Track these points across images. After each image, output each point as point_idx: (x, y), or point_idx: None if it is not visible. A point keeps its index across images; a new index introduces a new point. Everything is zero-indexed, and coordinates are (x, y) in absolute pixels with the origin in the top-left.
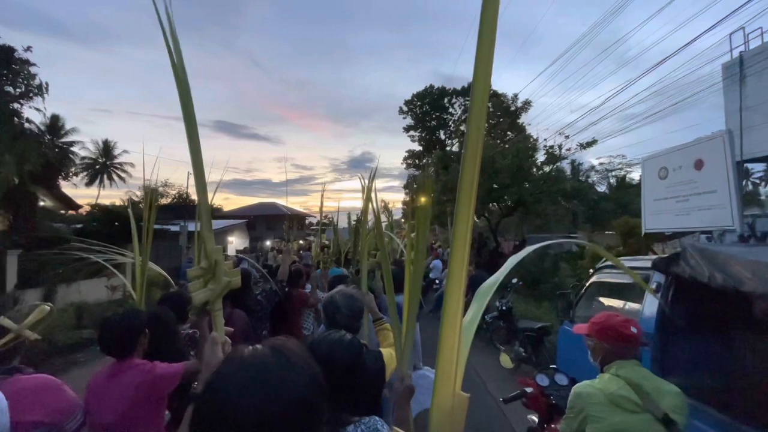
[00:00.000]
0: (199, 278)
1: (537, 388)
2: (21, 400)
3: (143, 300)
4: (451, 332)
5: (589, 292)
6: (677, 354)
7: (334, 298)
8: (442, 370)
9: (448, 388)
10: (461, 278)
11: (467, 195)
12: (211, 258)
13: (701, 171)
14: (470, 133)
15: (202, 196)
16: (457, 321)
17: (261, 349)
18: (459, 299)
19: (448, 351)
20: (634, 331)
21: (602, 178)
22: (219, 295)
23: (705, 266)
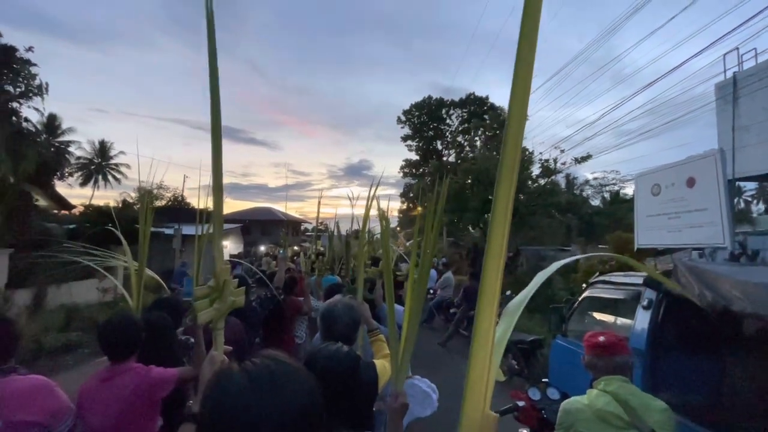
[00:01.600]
0: (206, 297)
1: (529, 401)
2: (16, 400)
3: (139, 305)
4: (482, 351)
5: (581, 307)
6: (667, 370)
7: (335, 309)
8: (471, 389)
9: (478, 408)
10: (494, 298)
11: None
12: (220, 278)
13: (693, 189)
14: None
15: (218, 220)
16: (489, 340)
17: (262, 359)
18: (491, 318)
19: (479, 370)
20: (601, 340)
21: (596, 192)
22: (223, 315)
23: (695, 284)
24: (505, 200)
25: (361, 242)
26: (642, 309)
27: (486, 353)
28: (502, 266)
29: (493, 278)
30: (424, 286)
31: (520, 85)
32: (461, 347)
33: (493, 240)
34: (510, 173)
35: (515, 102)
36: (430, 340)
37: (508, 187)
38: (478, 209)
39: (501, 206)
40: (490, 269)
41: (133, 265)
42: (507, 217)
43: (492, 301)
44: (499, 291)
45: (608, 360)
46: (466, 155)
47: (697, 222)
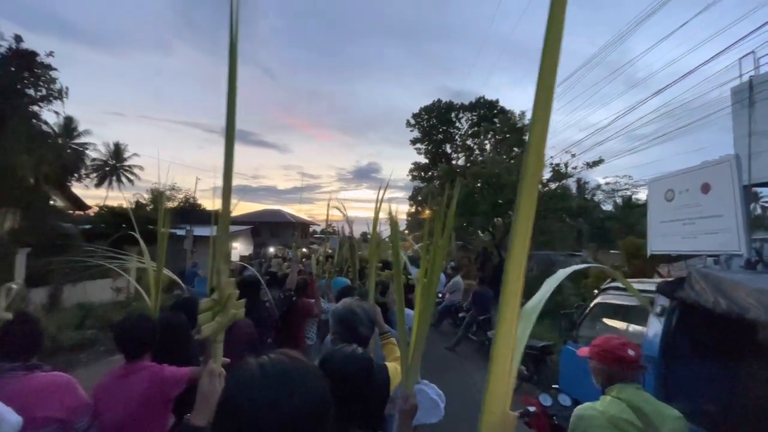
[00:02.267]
0: (209, 310)
1: (540, 407)
2: (38, 396)
3: (157, 304)
4: (504, 353)
5: (593, 313)
6: (680, 378)
7: (356, 310)
8: (493, 390)
9: (499, 409)
10: (516, 301)
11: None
12: (224, 292)
13: (708, 195)
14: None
15: (225, 231)
16: (510, 342)
17: (277, 355)
18: (513, 320)
19: (501, 372)
20: (631, 354)
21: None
22: (224, 327)
23: (710, 292)
24: (527, 207)
25: (372, 245)
26: (655, 316)
27: (507, 355)
28: (524, 270)
29: (515, 281)
30: (434, 290)
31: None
32: (470, 352)
33: (516, 244)
34: (533, 181)
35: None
36: (438, 344)
37: (531, 194)
38: (488, 213)
39: (523, 213)
40: (513, 272)
41: (151, 265)
42: (529, 223)
43: (514, 304)
44: (521, 294)
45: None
46: (476, 159)
47: (712, 228)
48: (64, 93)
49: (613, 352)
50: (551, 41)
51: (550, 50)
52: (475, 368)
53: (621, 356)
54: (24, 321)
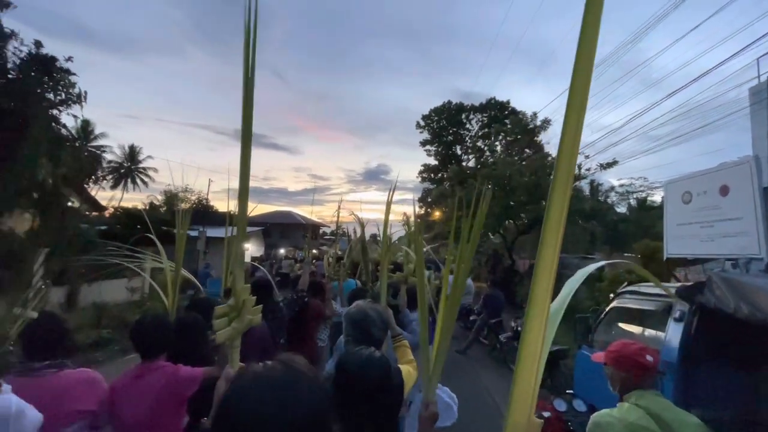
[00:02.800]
0: (225, 316)
1: (555, 412)
2: (73, 390)
3: (175, 305)
4: (530, 359)
5: (609, 317)
6: (700, 385)
7: (369, 313)
8: (518, 395)
9: (524, 414)
10: (545, 306)
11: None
12: (239, 297)
13: (727, 197)
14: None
15: (241, 239)
16: (537, 349)
17: (271, 364)
18: (541, 326)
19: (527, 377)
20: (650, 360)
21: (622, 199)
22: (240, 333)
23: (731, 296)
24: (558, 210)
25: (384, 247)
26: (674, 321)
27: (534, 361)
28: (554, 276)
29: (544, 287)
30: (458, 300)
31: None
32: (481, 355)
33: (545, 249)
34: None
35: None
36: (450, 348)
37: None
38: (499, 215)
39: (554, 218)
40: (542, 278)
41: (169, 266)
42: (560, 228)
43: (542, 309)
44: (549, 300)
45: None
46: (486, 160)
47: (730, 231)
48: (82, 97)
49: (632, 358)
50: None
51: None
52: (486, 371)
53: (639, 362)
54: (51, 320)
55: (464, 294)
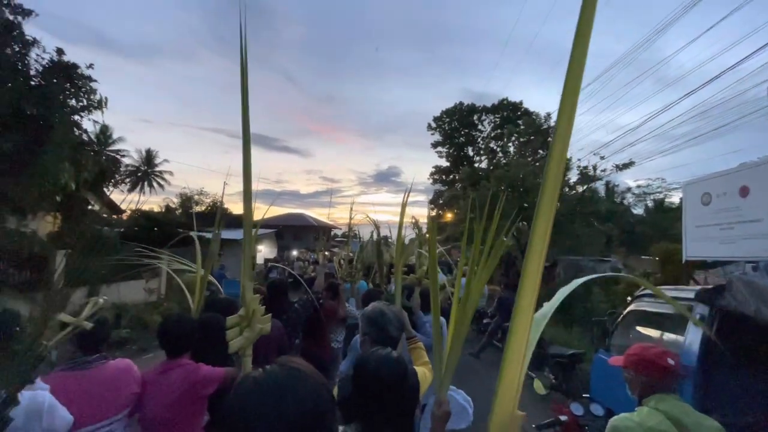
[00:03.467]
0: (236, 326)
1: (572, 416)
2: (122, 377)
3: (199, 305)
4: (516, 358)
5: (626, 321)
6: (721, 389)
7: (386, 312)
8: (503, 391)
9: (508, 409)
10: (530, 308)
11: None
12: (249, 307)
13: (747, 198)
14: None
15: (248, 247)
16: (522, 348)
17: (270, 367)
18: (526, 327)
19: (512, 375)
20: (670, 363)
21: (639, 200)
22: (252, 342)
23: (751, 299)
24: (546, 217)
25: (398, 249)
26: (693, 325)
27: (519, 360)
28: (539, 279)
29: (530, 290)
30: (474, 303)
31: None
32: (495, 358)
33: (532, 255)
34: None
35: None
36: (463, 351)
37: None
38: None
39: (542, 223)
40: (528, 281)
41: (198, 269)
42: (546, 233)
43: (528, 311)
44: (534, 302)
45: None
46: (499, 162)
47: (751, 233)
48: (103, 103)
49: (653, 361)
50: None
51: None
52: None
53: (661, 365)
54: (100, 318)
55: None
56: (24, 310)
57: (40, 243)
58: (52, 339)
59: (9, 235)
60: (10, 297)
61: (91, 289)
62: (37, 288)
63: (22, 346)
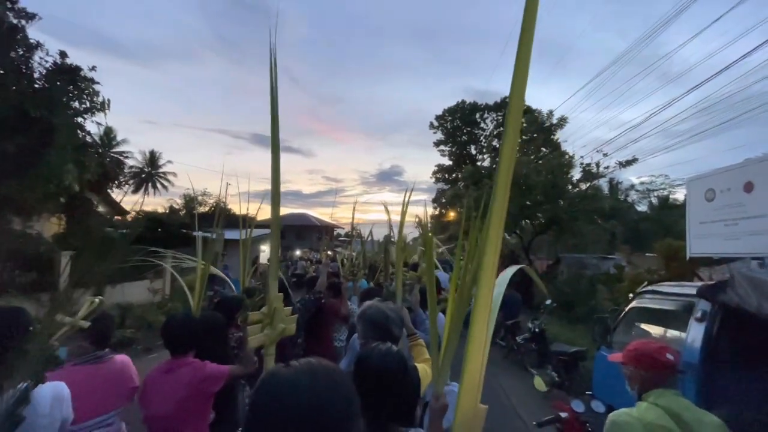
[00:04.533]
0: (258, 323)
1: (572, 413)
2: (128, 370)
3: (200, 304)
4: (477, 352)
5: (628, 318)
6: (722, 385)
7: (388, 313)
8: (466, 385)
9: (472, 402)
10: (487, 306)
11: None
12: (271, 305)
13: (751, 194)
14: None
15: (274, 253)
16: (483, 343)
17: (301, 363)
18: (485, 319)
19: (474, 368)
20: (670, 358)
21: (643, 197)
22: (274, 341)
23: (754, 295)
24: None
25: (398, 247)
26: (695, 321)
27: (480, 354)
28: (495, 274)
29: (486, 288)
30: (468, 293)
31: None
32: (498, 357)
33: (487, 252)
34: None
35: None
36: (463, 348)
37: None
38: (515, 215)
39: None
40: (485, 278)
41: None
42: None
43: (485, 308)
44: (491, 300)
45: (665, 377)
46: None
47: (756, 229)
48: (106, 105)
49: (651, 357)
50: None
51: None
52: (503, 373)
53: (660, 361)
54: (104, 317)
55: None
56: (31, 311)
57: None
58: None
59: (14, 236)
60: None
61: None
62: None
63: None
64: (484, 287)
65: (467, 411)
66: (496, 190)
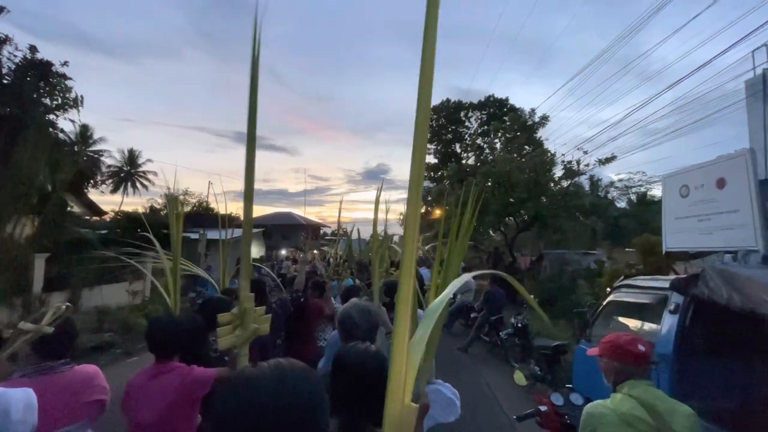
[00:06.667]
0: (229, 324)
1: (551, 406)
2: (88, 383)
3: (177, 305)
4: (400, 348)
5: (606, 311)
6: (695, 376)
7: (351, 314)
8: (393, 384)
9: (399, 401)
10: (408, 300)
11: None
12: (242, 305)
13: (723, 190)
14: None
15: (246, 253)
16: (405, 338)
17: (265, 363)
18: (406, 317)
19: (398, 366)
20: (642, 349)
21: (622, 194)
22: (245, 341)
23: (723, 288)
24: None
25: (374, 245)
26: (669, 313)
27: (403, 350)
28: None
29: (407, 282)
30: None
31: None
32: (482, 352)
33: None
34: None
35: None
36: (451, 345)
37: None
38: (499, 212)
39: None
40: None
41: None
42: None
43: (407, 302)
44: (412, 292)
45: (638, 368)
46: (486, 158)
47: (728, 224)
48: (79, 101)
49: (624, 348)
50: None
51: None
52: (487, 368)
53: (631, 351)
54: (66, 324)
55: (465, 291)
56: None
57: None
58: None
59: None
60: None
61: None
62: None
63: None
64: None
65: (394, 412)
66: None
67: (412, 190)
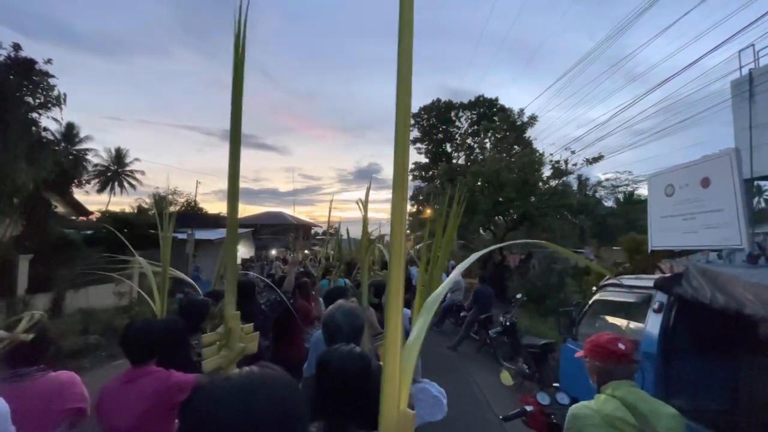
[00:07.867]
0: (213, 344)
1: (538, 406)
2: (63, 390)
3: (164, 308)
4: (393, 351)
5: (592, 310)
6: (679, 375)
7: (335, 317)
8: (387, 389)
9: (394, 406)
10: (399, 303)
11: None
12: (227, 324)
13: (708, 189)
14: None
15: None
16: (398, 340)
17: (240, 371)
18: (398, 319)
19: (391, 371)
20: (621, 348)
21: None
22: (232, 362)
23: (707, 287)
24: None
25: (363, 245)
26: (653, 312)
27: (396, 353)
28: (403, 271)
29: (396, 286)
30: (435, 288)
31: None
32: (471, 351)
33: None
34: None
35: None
36: (440, 344)
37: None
38: (488, 211)
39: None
40: (395, 276)
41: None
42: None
43: (397, 306)
44: (402, 294)
45: (620, 367)
46: (476, 157)
47: (712, 223)
48: (62, 99)
49: (604, 347)
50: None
51: None
52: (476, 367)
53: (612, 351)
54: (39, 330)
55: (454, 290)
56: None
57: None
58: None
59: None
60: None
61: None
62: None
63: None
64: (394, 287)
65: (390, 419)
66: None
67: (397, 193)
